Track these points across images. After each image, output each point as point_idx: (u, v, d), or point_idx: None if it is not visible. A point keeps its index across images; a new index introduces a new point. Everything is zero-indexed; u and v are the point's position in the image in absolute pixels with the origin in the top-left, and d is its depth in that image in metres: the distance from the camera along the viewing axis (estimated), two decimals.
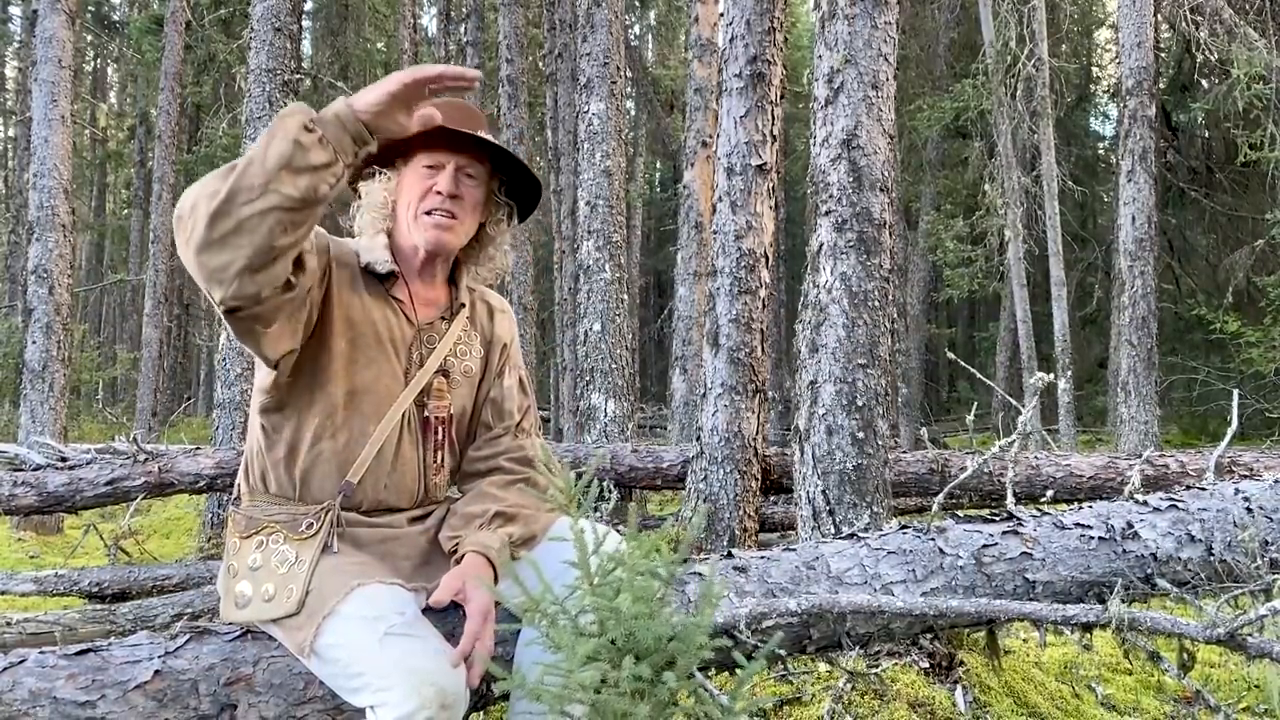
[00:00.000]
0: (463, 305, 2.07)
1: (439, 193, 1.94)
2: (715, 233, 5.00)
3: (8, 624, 3.78)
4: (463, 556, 1.87)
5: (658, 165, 29.59)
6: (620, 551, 1.49)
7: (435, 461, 2.01)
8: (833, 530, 3.51)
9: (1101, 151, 20.62)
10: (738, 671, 2.09)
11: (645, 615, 1.39)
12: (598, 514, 1.72)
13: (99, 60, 27.98)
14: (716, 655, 1.49)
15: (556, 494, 1.57)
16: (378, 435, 1.91)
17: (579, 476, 1.56)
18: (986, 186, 12.81)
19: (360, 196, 2.04)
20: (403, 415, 1.94)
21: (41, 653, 1.75)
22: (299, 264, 1.73)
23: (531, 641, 1.54)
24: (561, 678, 1.38)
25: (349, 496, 1.90)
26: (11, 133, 24.93)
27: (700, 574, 2.10)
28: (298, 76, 7.68)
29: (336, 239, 1.97)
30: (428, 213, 1.94)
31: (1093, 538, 2.40)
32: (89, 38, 23.87)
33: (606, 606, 1.40)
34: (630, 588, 1.41)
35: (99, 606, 4.23)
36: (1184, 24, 11.52)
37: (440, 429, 2.00)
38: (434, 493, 2.03)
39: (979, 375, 4.55)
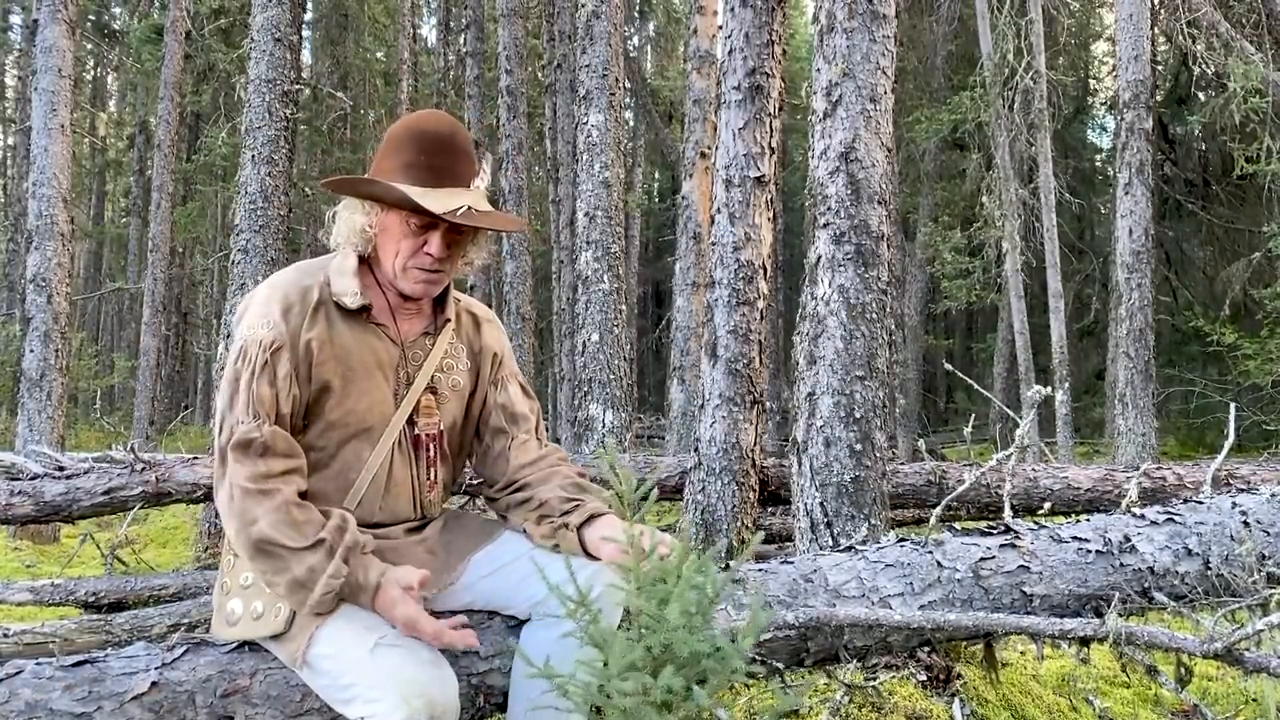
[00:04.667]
0: (448, 320, 2.05)
1: (429, 254, 1.90)
2: (713, 244, 5.01)
3: (4, 635, 3.77)
4: (589, 519, 1.90)
5: (656, 175, 29.68)
6: (668, 561, 1.51)
7: (429, 478, 2.00)
8: (830, 542, 3.51)
9: (1099, 164, 20.65)
10: (734, 685, 2.09)
11: (687, 629, 1.40)
12: None
13: (99, 69, 28.03)
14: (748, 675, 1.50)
15: (616, 496, 1.58)
16: (372, 461, 1.91)
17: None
18: (984, 198, 12.83)
19: (338, 206, 1.99)
20: (395, 438, 1.94)
21: (38, 663, 1.74)
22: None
23: (568, 634, 1.54)
24: (596, 674, 1.39)
25: None
26: (11, 141, 24.97)
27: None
28: (297, 86, 7.70)
29: (308, 277, 1.91)
30: (418, 269, 1.91)
31: (1090, 551, 2.40)
32: (89, 46, 23.90)
33: (652, 612, 1.41)
34: (679, 598, 1.42)
35: (95, 616, 4.22)
36: (1181, 37, 11.57)
37: (431, 445, 1.99)
38: (429, 509, 2.02)
39: (977, 386, 4.55)
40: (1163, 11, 12.65)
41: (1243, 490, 2.93)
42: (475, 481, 2.17)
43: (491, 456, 2.09)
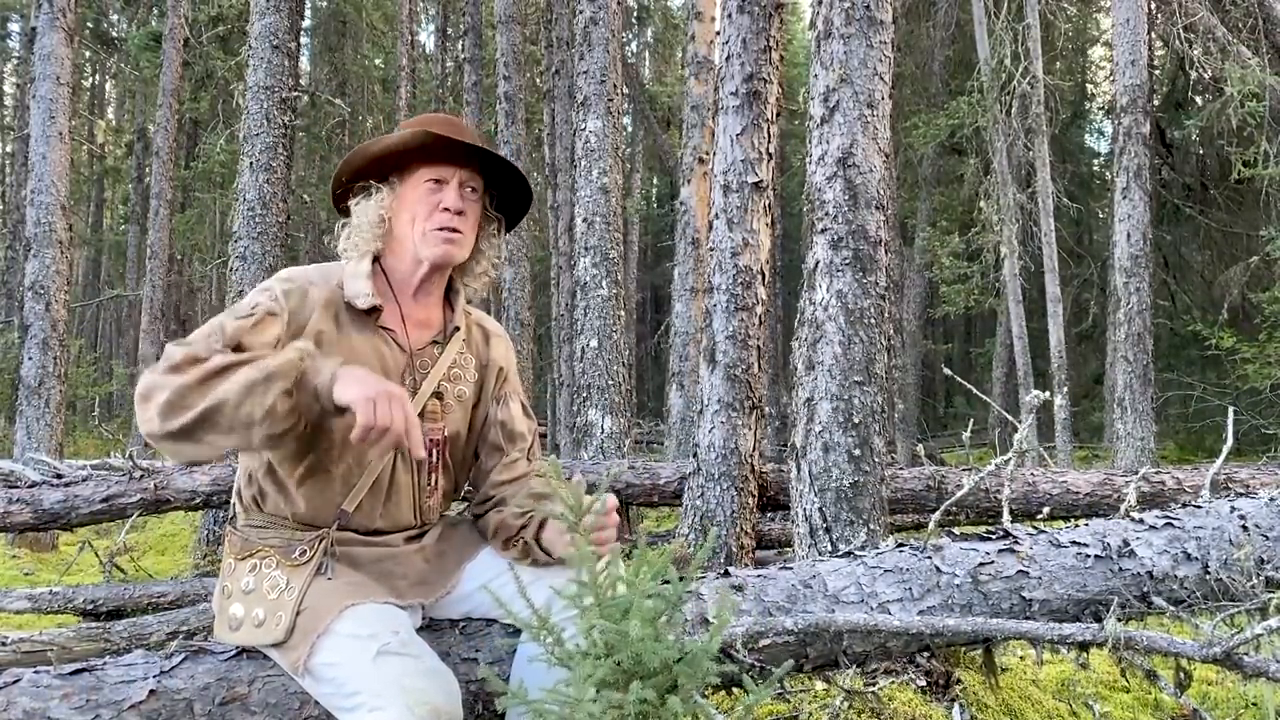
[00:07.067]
0: (457, 328, 2.06)
1: (446, 209, 1.94)
2: (712, 249, 5.01)
3: (2, 643, 3.77)
4: (543, 525, 1.90)
5: (655, 181, 29.70)
6: (624, 572, 1.50)
7: (429, 484, 2.00)
8: (829, 548, 3.50)
9: (1097, 168, 20.70)
10: (735, 691, 2.09)
11: (652, 638, 1.39)
12: None
13: (97, 76, 28.06)
14: (718, 676, 1.49)
15: (565, 512, 1.57)
16: (374, 465, 1.90)
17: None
18: (982, 203, 12.85)
19: (351, 216, 2.01)
20: None
21: (36, 672, 1.74)
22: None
23: (535, 659, 1.54)
24: (566, 698, 1.38)
25: (344, 522, 1.90)
26: (10, 148, 24.97)
27: (699, 594, 2.10)
28: (295, 94, 7.71)
29: (320, 277, 1.93)
30: (437, 229, 1.94)
31: (1089, 555, 2.40)
32: (88, 54, 23.94)
33: (614, 628, 1.40)
34: (638, 611, 1.41)
35: (94, 624, 4.21)
36: (1178, 42, 11.60)
37: (434, 451, 1.99)
38: (428, 515, 2.02)
39: (975, 391, 4.54)
40: (1159, 16, 12.69)
41: (1241, 494, 2.92)
42: (467, 489, 2.16)
43: (483, 472, 2.10)
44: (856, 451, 3.59)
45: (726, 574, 2.24)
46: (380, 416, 1.61)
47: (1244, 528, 2.61)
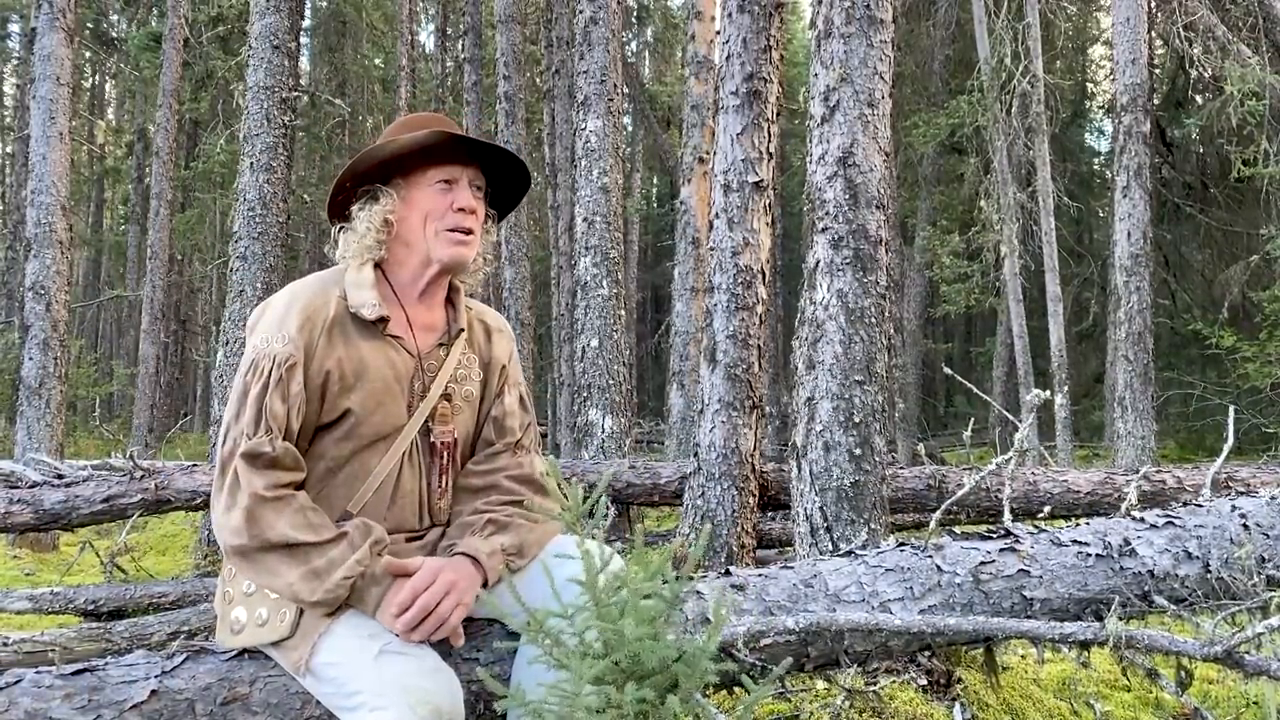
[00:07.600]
0: (461, 330, 2.04)
1: (460, 209, 1.93)
2: (712, 249, 5.01)
3: (4, 643, 3.77)
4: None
5: (655, 181, 29.71)
6: (624, 571, 1.49)
7: (440, 486, 1.98)
8: (830, 547, 3.51)
9: (1097, 167, 20.70)
10: (736, 690, 2.08)
11: (650, 637, 1.39)
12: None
13: (97, 76, 28.06)
14: (717, 675, 1.49)
15: (564, 512, 1.57)
16: (380, 470, 1.89)
17: (586, 494, 1.56)
18: (982, 202, 12.85)
19: (351, 222, 1.97)
20: (405, 448, 1.92)
21: (38, 672, 1.74)
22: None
23: (535, 660, 1.54)
24: (565, 698, 1.38)
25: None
26: (10, 149, 24.97)
27: (699, 593, 2.10)
28: (295, 94, 7.71)
29: (321, 291, 1.90)
30: (450, 230, 1.93)
31: (1090, 555, 2.40)
32: (87, 54, 23.95)
33: (611, 628, 1.40)
34: (634, 610, 1.41)
35: (95, 625, 4.22)
36: (1178, 41, 11.60)
37: (446, 453, 1.98)
38: (438, 516, 1.99)
39: (976, 390, 4.54)
40: (1159, 15, 12.69)
41: (1242, 493, 2.92)
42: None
43: (469, 465, 2.09)
44: (857, 451, 3.60)
45: (728, 573, 2.24)
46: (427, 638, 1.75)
47: (1245, 526, 2.61)
